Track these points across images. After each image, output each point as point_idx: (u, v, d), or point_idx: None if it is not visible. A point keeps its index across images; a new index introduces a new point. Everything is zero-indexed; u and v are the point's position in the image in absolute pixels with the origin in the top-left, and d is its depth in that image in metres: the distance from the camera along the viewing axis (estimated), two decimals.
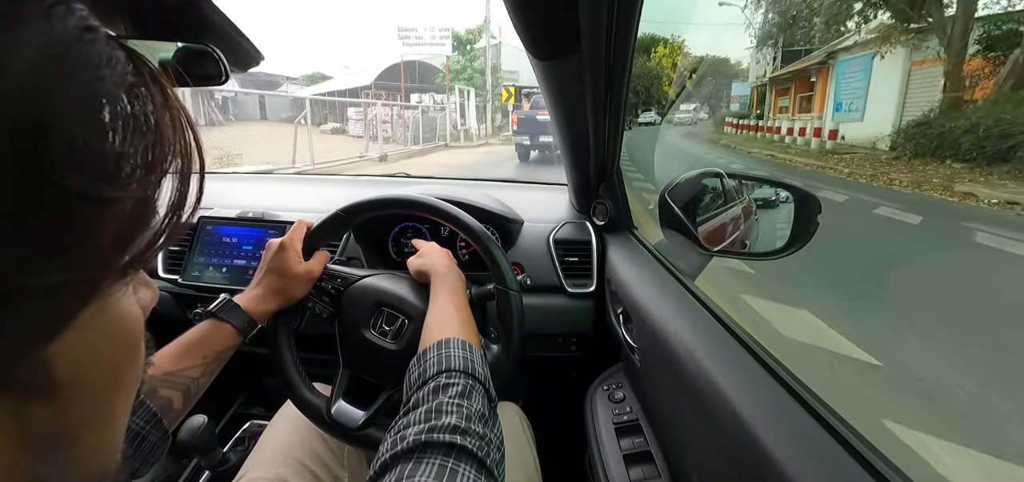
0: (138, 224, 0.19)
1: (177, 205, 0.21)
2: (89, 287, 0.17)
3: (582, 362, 0.98)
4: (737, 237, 0.88)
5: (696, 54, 31.51)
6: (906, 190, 5.27)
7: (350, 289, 0.70)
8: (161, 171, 0.19)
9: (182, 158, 0.21)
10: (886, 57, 8.31)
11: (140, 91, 0.18)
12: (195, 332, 0.57)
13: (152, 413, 0.47)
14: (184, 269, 0.99)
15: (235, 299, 0.61)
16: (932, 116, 6.62)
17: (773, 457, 0.35)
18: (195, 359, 0.55)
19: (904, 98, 8.09)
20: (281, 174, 1.81)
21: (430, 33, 17.43)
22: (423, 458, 0.36)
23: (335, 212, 0.70)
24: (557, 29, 0.56)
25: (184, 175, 0.21)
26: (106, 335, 0.19)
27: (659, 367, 0.62)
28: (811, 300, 2.37)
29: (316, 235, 0.70)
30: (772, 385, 0.43)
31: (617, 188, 0.94)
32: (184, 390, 0.53)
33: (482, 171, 7.92)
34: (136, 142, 0.17)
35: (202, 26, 0.53)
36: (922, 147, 6.28)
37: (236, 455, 0.90)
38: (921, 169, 5.91)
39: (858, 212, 4.60)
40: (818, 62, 11.56)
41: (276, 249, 0.66)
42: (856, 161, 7.23)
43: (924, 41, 7.59)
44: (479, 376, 0.48)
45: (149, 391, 0.49)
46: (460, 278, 0.67)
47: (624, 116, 0.77)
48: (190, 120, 0.22)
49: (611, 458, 0.68)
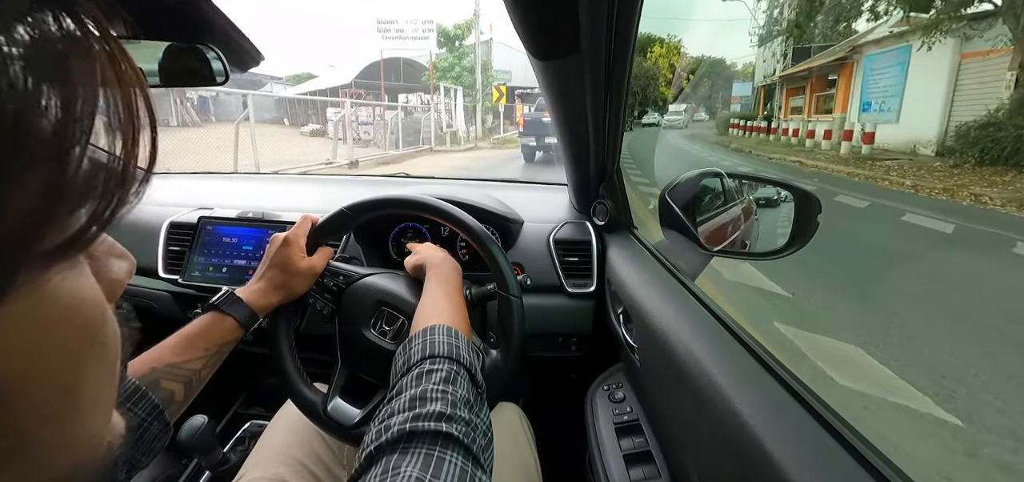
0: (63, 197, 0.15)
1: (121, 175, 0.17)
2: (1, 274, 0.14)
3: (582, 362, 0.98)
4: (737, 237, 0.88)
5: (693, 54, 31.16)
6: (1000, 209, 4.20)
7: (352, 287, 0.70)
8: (81, 131, 0.15)
9: (122, 112, 0.17)
10: (927, 49, 7.19)
11: (41, 19, 0.15)
12: (197, 324, 0.57)
13: (154, 405, 0.47)
14: (184, 269, 0.99)
15: (237, 292, 0.61)
16: (1001, 115, 5.61)
17: (773, 457, 0.35)
18: (197, 351, 0.55)
19: (952, 95, 6.99)
20: (281, 174, 1.81)
21: (412, 26, 16.42)
22: (409, 448, 0.35)
23: (340, 209, 0.70)
24: (557, 29, 0.56)
25: (126, 134, 0.18)
26: (53, 323, 0.17)
27: (659, 367, 0.62)
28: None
29: (320, 231, 0.70)
30: (772, 385, 0.43)
31: (617, 188, 0.94)
32: (186, 382, 0.53)
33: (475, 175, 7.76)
34: (35, 95, 0.14)
35: (202, 26, 0.53)
36: (990, 153, 5.36)
37: (236, 455, 0.90)
38: (1006, 181, 4.84)
39: (977, 244, 3.46)
40: (838, 58, 10.39)
41: (280, 244, 0.65)
42: (908, 169, 6.11)
43: (984, 29, 6.50)
44: (464, 361, 0.47)
45: (151, 383, 0.49)
46: (454, 269, 0.67)
47: (624, 116, 0.77)
48: (132, 64, 0.18)
49: (611, 458, 0.68)
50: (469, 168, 9.25)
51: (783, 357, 0.46)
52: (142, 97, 0.18)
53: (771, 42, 16.04)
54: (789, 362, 0.45)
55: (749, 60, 21.00)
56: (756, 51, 18.10)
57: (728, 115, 18.87)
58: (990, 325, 2.28)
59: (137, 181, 0.18)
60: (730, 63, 22.33)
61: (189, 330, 0.56)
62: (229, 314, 0.59)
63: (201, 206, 1.08)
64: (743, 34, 16.69)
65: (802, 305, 2.51)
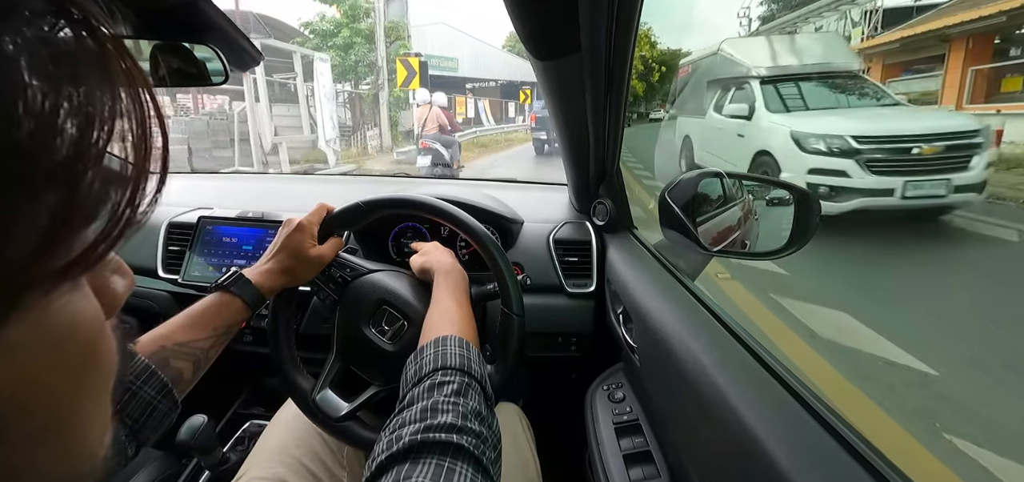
0: (72, 218, 0.15)
1: (132, 194, 0.17)
2: (2, 302, 0.14)
3: (582, 362, 0.98)
4: (737, 237, 0.88)
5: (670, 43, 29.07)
6: None
7: (357, 281, 0.70)
8: (97, 152, 0.15)
9: (135, 129, 0.17)
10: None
11: (61, 40, 0.14)
12: (205, 303, 0.57)
13: (163, 383, 0.47)
14: (184, 269, 0.99)
15: (245, 272, 0.61)
16: None
17: (773, 457, 0.36)
18: (206, 330, 0.55)
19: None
20: (281, 174, 1.81)
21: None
22: (420, 458, 0.36)
23: (355, 203, 0.70)
24: (557, 29, 0.56)
25: (139, 156, 0.17)
26: (51, 346, 0.16)
27: (659, 367, 0.62)
28: None
29: (334, 222, 0.70)
30: (772, 385, 0.43)
31: (617, 188, 0.94)
32: (195, 361, 0.53)
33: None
34: (52, 115, 0.13)
35: (202, 26, 0.53)
36: None
37: (236, 455, 0.90)
38: None
39: None
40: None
41: (293, 228, 0.65)
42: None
43: None
44: (475, 374, 0.48)
45: (161, 361, 0.49)
46: (462, 276, 0.67)
47: (624, 116, 0.77)
48: (144, 78, 0.17)
49: (611, 458, 0.68)
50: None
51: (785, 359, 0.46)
52: (155, 113, 0.18)
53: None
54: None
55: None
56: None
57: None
58: None
59: (148, 198, 0.18)
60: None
61: (197, 309, 0.56)
62: (237, 295, 0.59)
63: (200, 206, 1.08)
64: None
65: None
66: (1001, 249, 3.29)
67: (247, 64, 0.64)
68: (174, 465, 1.02)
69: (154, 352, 0.50)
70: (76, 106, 0.14)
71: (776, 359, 0.46)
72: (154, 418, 0.46)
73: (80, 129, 0.14)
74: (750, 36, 14.13)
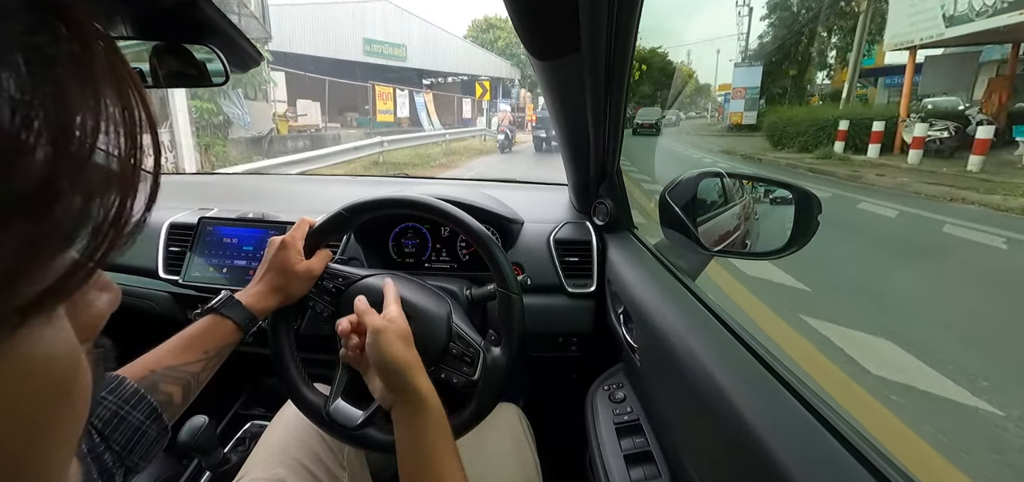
0: (45, 245, 0.13)
1: (117, 213, 0.15)
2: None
3: (582, 362, 0.98)
4: (737, 237, 0.88)
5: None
6: None
7: (351, 289, 0.70)
8: (75, 169, 0.13)
9: (123, 145, 0.15)
10: None
11: (36, 43, 0.12)
12: (196, 327, 0.57)
13: (152, 408, 0.47)
14: (184, 270, 0.99)
15: (236, 295, 0.61)
16: None
17: (774, 456, 0.35)
18: (196, 353, 0.55)
19: None
20: (282, 174, 1.81)
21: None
22: None
23: (338, 211, 0.70)
24: (557, 29, 0.56)
25: (125, 170, 0.15)
26: (18, 386, 0.14)
27: (660, 367, 0.62)
28: None
29: (318, 234, 0.70)
30: (773, 385, 0.43)
31: (617, 188, 0.94)
32: (185, 385, 0.53)
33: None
34: (23, 130, 0.12)
35: (202, 26, 0.53)
36: None
37: (237, 455, 0.90)
38: None
39: None
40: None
41: (277, 246, 0.65)
42: None
43: None
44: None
45: (150, 386, 0.48)
46: (431, 390, 0.54)
47: (624, 116, 0.77)
48: (135, 82, 0.16)
49: (611, 458, 0.67)
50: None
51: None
52: (148, 125, 0.16)
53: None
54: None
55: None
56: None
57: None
58: None
59: (134, 220, 0.16)
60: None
61: (188, 333, 0.56)
62: (228, 317, 0.59)
63: (201, 206, 1.08)
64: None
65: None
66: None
67: (247, 64, 0.64)
68: (175, 466, 1.02)
69: (143, 377, 0.49)
70: (53, 118, 0.12)
71: (777, 359, 0.46)
72: (143, 444, 0.45)
73: (57, 144, 0.12)
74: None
